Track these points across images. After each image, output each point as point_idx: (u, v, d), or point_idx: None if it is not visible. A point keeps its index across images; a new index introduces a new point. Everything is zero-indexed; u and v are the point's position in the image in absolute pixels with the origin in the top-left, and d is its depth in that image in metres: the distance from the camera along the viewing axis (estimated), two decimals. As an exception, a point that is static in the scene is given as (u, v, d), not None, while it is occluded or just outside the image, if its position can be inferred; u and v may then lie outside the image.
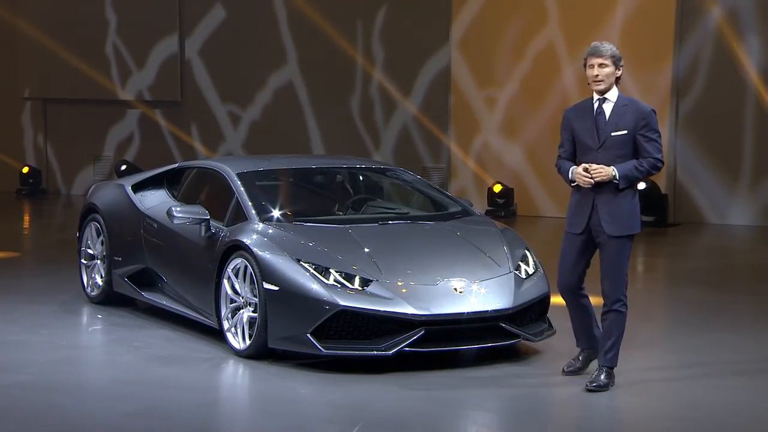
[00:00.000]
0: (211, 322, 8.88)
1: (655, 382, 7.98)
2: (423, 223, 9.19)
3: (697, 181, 16.35)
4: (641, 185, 16.15)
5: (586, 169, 7.62)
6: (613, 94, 7.69)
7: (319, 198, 9.82)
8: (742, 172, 16.16)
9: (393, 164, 12.79)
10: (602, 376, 7.72)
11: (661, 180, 16.10)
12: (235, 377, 8.32)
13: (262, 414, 7.50)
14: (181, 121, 19.71)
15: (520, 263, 8.68)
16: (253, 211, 8.95)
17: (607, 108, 7.69)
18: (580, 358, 8.10)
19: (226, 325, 8.65)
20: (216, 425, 7.28)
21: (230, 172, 9.43)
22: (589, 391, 7.67)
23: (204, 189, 9.89)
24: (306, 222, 8.97)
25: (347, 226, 8.92)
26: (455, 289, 8.24)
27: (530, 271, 8.70)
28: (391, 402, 7.53)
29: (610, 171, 7.57)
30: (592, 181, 7.62)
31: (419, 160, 17.92)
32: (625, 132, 7.61)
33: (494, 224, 9.28)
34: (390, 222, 9.14)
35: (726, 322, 9.99)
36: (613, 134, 7.63)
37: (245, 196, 9.11)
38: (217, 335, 8.85)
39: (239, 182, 9.28)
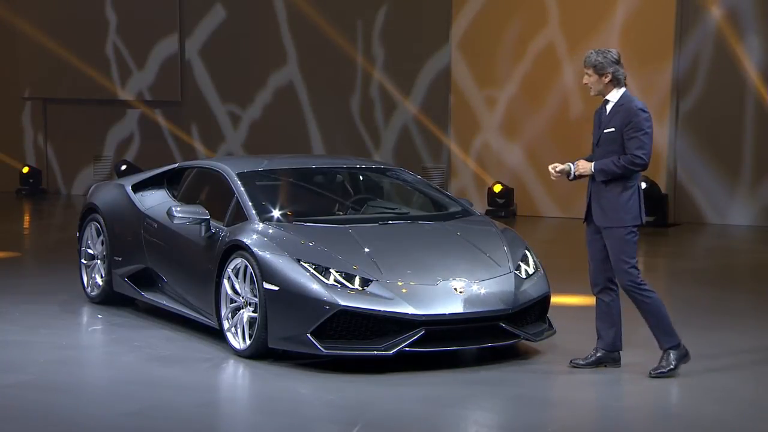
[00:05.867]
0: (211, 322, 8.89)
1: (655, 381, 7.97)
2: (423, 223, 9.19)
3: (697, 181, 16.35)
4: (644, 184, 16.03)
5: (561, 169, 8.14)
6: (614, 95, 8.08)
7: (319, 198, 9.81)
8: (742, 172, 16.16)
9: (393, 164, 12.78)
10: (663, 362, 8.01)
11: (661, 180, 16.11)
12: (235, 377, 8.32)
13: (262, 414, 7.50)
14: (181, 121, 19.71)
15: (520, 263, 8.68)
16: (253, 211, 8.95)
17: (608, 108, 8.10)
18: (592, 357, 8.25)
19: (226, 325, 8.65)
20: (216, 425, 7.28)
21: (230, 172, 9.43)
22: (652, 377, 7.95)
23: (204, 189, 9.89)
24: (306, 222, 8.97)
25: (347, 226, 8.92)
26: (455, 289, 8.24)
27: (530, 271, 8.70)
28: (391, 402, 7.53)
29: (588, 166, 8.02)
30: (554, 175, 8.14)
31: (419, 160, 17.92)
32: (613, 130, 8.01)
33: (494, 224, 9.27)
34: (390, 222, 9.14)
35: (726, 322, 9.99)
36: (605, 131, 8.05)
37: (245, 196, 9.11)
38: (217, 335, 8.85)
39: (239, 182, 9.28)
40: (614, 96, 8.05)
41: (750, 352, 8.93)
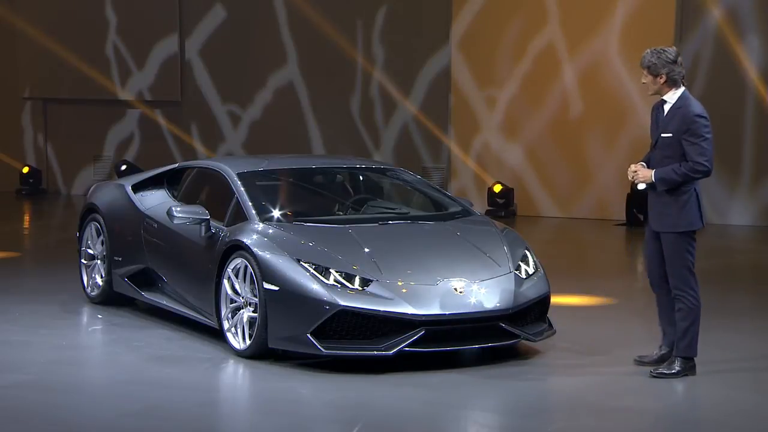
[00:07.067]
0: (211, 322, 8.88)
1: (656, 381, 7.97)
2: (423, 223, 9.19)
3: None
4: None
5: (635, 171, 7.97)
6: (671, 96, 7.97)
7: (320, 198, 9.81)
8: (742, 172, 16.16)
9: (393, 164, 12.78)
10: (668, 365, 7.96)
11: (660, 180, 16.08)
12: (235, 377, 8.32)
13: (262, 414, 7.50)
14: (181, 121, 19.71)
15: (521, 263, 8.68)
16: (253, 211, 8.95)
17: (665, 108, 7.98)
18: (655, 352, 8.24)
19: (226, 325, 8.65)
20: (216, 425, 7.28)
21: (230, 172, 9.43)
22: (653, 377, 7.92)
23: (204, 189, 9.89)
24: (306, 222, 8.97)
25: (347, 226, 8.92)
26: (455, 289, 8.24)
27: (530, 271, 8.70)
28: (391, 402, 7.53)
29: (649, 174, 7.86)
30: (632, 179, 7.99)
31: (419, 160, 17.92)
32: (670, 135, 7.89)
33: (494, 224, 9.27)
34: (390, 222, 9.14)
35: (727, 322, 9.98)
36: (662, 135, 7.93)
37: (245, 196, 9.11)
38: (217, 335, 8.84)
39: (239, 182, 9.28)
40: (671, 97, 7.94)
41: (751, 352, 8.92)
